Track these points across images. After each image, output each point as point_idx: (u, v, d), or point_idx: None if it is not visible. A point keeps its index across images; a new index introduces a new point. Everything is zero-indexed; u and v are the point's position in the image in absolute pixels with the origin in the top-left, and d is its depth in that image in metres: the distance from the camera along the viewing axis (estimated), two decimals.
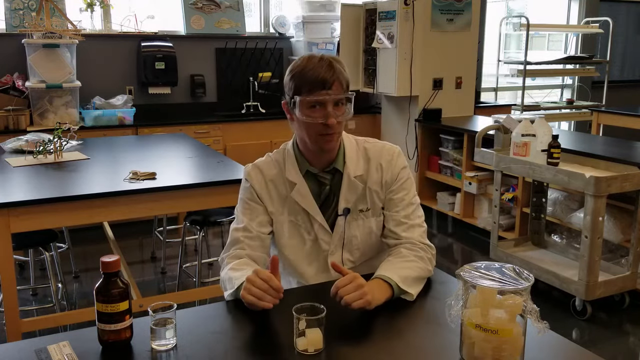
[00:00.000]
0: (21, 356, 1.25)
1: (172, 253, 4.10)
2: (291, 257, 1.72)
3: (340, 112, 1.58)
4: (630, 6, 7.42)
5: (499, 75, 6.48)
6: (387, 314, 1.46)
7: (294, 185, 1.67)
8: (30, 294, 3.52)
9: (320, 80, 1.53)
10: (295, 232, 1.70)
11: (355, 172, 1.68)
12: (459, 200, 4.68)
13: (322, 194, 1.68)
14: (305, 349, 1.25)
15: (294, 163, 1.69)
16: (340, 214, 1.68)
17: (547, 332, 1.15)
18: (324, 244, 1.69)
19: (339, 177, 1.68)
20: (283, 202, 1.69)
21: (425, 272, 1.61)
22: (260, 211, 1.68)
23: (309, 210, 1.67)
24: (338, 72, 1.56)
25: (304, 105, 1.57)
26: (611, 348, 2.99)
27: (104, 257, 1.27)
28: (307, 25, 5.42)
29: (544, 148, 3.25)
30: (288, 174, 1.68)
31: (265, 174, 1.69)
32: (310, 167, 1.68)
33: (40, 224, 2.50)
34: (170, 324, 1.28)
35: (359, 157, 1.70)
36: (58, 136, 3.12)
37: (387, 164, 1.70)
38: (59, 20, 4.46)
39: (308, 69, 1.55)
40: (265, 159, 1.74)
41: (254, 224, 1.67)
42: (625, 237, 3.33)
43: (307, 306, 1.28)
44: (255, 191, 1.68)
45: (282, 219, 1.69)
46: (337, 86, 1.55)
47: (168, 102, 5.22)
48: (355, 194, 1.68)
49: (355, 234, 1.70)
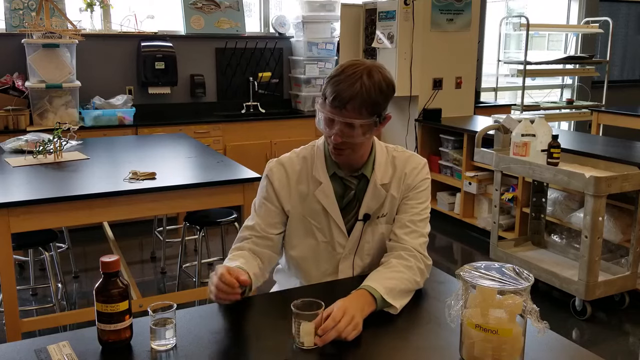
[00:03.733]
0: (21, 356, 1.25)
1: (172, 253, 4.10)
2: (300, 258, 1.71)
3: (351, 133, 1.52)
4: (630, 6, 7.42)
5: (498, 75, 6.48)
6: (387, 313, 1.46)
7: (319, 184, 1.65)
8: (30, 294, 3.52)
9: (336, 96, 1.48)
10: (309, 232, 1.68)
11: (382, 180, 1.65)
12: (459, 200, 4.68)
13: (345, 198, 1.67)
14: (303, 342, 1.26)
15: (322, 162, 1.66)
16: (360, 219, 1.66)
17: (547, 332, 1.15)
18: (339, 247, 1.68)
19: (364, 183, 1.66)
20: (303, 200, 1.67)
21: (412, 284, 1.54)
22: (274, 212, 1.67)
23: (330, 211, 1.65)
24: (361, 91, 1.47)
25: (321, 114, 1.56)
26: (611, 348, 2.99)
27: (103, 257, 1.27)
28: (307, 25, 5.42)
29: (543, 148, 3.25)
30: (315, 171, 1.65)
31: (289, 171, 1.67)
32: (338, 170, 1.66)
33: (40, 224, 2.49)
34: (170, 324, 1.28)
35: (387, 165, 1.68)
36: (58, 136, 3.11)
37: (410, 170, 1.67)
38: (58, 20, 4.46)
39: (335, 79, 1.50)
40: (290, 154, 1.71)
41: (263, 224, 1.66)
42: (625, 237, 3.33)
43: (306, 302, 1.29)
44: (274, 189, 1.66)
45: (297, 218, 1.68)
46: (352, 108, 1.48)
47: (168, 102, 5.22)
48: (378, 202, 1.66)
49: (369, 240, 1.68)
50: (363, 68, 1.49)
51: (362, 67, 1.50)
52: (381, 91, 1.50)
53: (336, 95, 1.48)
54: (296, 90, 5.65)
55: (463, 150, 4.53)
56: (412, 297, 1.54)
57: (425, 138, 4.97)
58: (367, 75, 1.48)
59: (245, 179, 2.73)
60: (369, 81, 1.48)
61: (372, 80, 1.48)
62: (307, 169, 1.67)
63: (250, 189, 2.71)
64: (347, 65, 1.51)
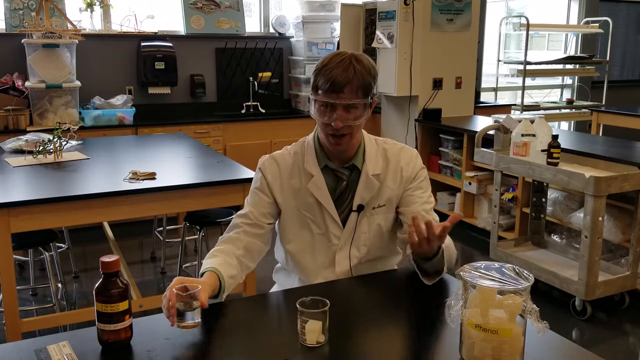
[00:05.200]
0: (21, 356, 1.25)
1: (172, 253, 4.10)
2: (296, 251, 1.73)
3: (351, 116, 1.58)
4: (630, 6, 7.42)
5: (498, 75, 6.48)
6: (387, 313, 1.46)
7: (311, 177, 1.68)
8: (30, 294, 3.52)
9: (332, 82, 1.54)
10: (304, 225, 1.71)
11: (374, 171, 1.70)
12: (459, 200, 4.68)
13: (337, 189, 1.70)
14: (305, 339, 1.27)
15: (313, 156, 1.70)
16: (354, 210, 1.69)
17: (547, 332, 1.15)
18: (334, 238, 1.71)
19: (356, 174, 1.70)
20: (296, 194, 1.70)
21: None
22: (266, 202, 1.70)
23: (323, 203, 1.68)
24: (355, 74, 1.54)
25: (316, 104, 1.60)
26: (611, 348, 2.99)
27: (103, 257, 1.27)
28: (306, 25, 5.42)
29: (543, 148, 3.25)
30: (307, 165, 1.69)
31: (281, 165, 1.71)
32: (329, 162, 1.70)
33: (40, 224, 2.50)
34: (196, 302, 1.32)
35: (378, 156, 1.72)
36: (58, 136, 3.12)
37: (406, 164, 1.73)
38: (58, 20, 4.46)
39: (326, 68, 1.56)
40: (282, 151, 1.76)
41: (256, 212, 1.69)
42: (625, 237, 3.33)
43: (311, 300, 1.30)
44: (266, 182, 1.70)
45: (291, 211, 1.71)
46: (349, 90, 1.55)
47: (168, 102, 5.22)
48: (371, 192, 1.70)
49: (365, 230, 1.71)
50: (349, 55, 1.58)
51: (347, 54, 1.58)
52: (370, 74, 1.59)
53: (333, 81, 1.54)
54: (296, 90, 5.65)
55: (463, 150, 4.53)
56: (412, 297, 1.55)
57: (425, 138, 4.97)
58: (356, 60, 1.57)
59: (245, 179, 2.73)
60: (359, 65, 1.56)
61: (362, 64, 1.57)
62: (298, 164, 1.71)
63: None
64: (333, 55, 1.59)
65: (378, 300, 1.58)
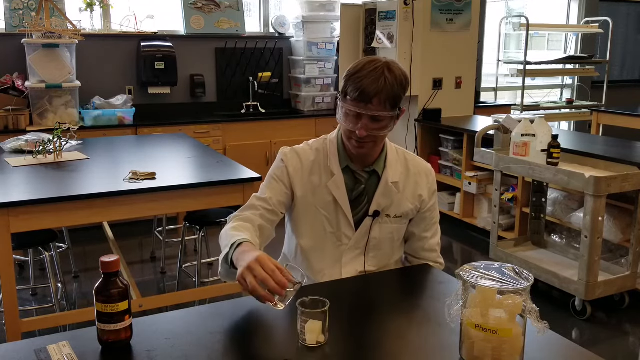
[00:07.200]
0: (21, 356, 1.25)
1: (172, 253, 4.10)
2: (308, 247, 1.74)
3: (376, 126, 1.58)
4: (630, 6, 7.42)
5: (498, 75, 6.48)
6: (387, 313, 1.46)
7: (332, 175, 1.69)
8: (30, 294, 3.52)
9: (362, 91, 1.53)
10: (318, 222, 1.72)
11: (394, 178, 1.71)
12: (459, 200, 4.68)
13: (355, 191, 1.71)
14: (305, 339, 1.27)
15: (335, 155, 1.71)
16: (370, 214, 1.70)
17: (547, 332, 1.15)
18: (345, 239, 1.72)
19: (375, 179, 1.71)
20: (314, 190, 1.70)
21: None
22: (284, 192, 1.70)
23: (341, 202, 1.69)
24: (386, 86, 1.53)
25: (343, 109, 1.60)
26: (611, 348, 2.99)
27: (103, 257, 1.26)
28: (306, 25, 5.42)
29: (543, 148, 3.25)
30: (330, 163, 1.70)
31: (303, 160, 1.72)
32: (350, 164, 1.70)
33: (40, 224, 2.49)
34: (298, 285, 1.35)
35: (399, 165, 1.74)
36: (58, 136, 3.11)
37: (425, 180, 1.76)
38: (58, 20, 4.45)
39: (357, 76, 1.55)
40: (304, 146, 1.76)
41: (274, 200, 1.69)
42: (625, 237, 3.33)
43: (311, 300, 1.30)
44: (288, 173, 1.70)
45: (307, 207, 1.71)
46: (378, 102, 1.54)
47: (168, 102, 5.22)
48: (388, 199, 1.71)
49: (376, 236, 1.72)
50: (382, 64, 1.55)
51: (380, 63, 1.55)
52: (401, 85, 1.57)
53: (362, 90, 1.53)
54: (296, 90, 5.65)
55: (463, 150, 4.53)
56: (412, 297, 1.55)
57: (425, 138, 4.97)
58: (388, 70, 1.55)
59: (245, 179, 2.73)
60: (391, 76, 1.54)
61: (394, 75, 1.55)
62: (319, 161, 1.71)
63: (250, 189, 2.70)
64: (366, 62, 1.56)
65: (378, 300, 1.58)
